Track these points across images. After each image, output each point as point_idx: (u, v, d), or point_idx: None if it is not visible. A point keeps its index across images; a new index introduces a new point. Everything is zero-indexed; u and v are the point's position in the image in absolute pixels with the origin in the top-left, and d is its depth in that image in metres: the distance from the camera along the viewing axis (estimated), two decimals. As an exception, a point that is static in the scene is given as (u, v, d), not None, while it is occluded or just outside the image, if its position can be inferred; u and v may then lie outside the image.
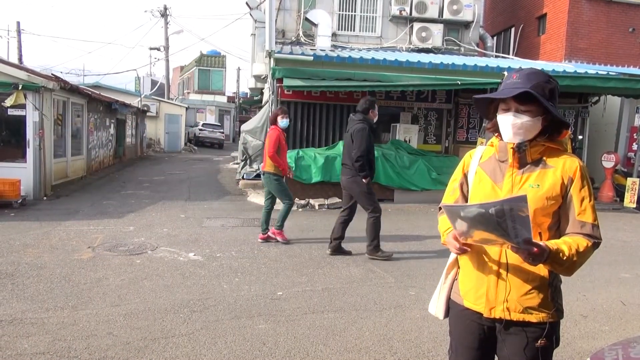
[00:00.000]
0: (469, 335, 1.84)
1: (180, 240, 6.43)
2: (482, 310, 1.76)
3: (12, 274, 4.78)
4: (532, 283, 1.69)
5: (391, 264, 5.56)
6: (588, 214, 1.67)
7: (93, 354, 3.19)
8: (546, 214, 1.69)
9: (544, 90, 1.68)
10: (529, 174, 1.72)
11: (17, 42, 26.10)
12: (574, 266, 1.61)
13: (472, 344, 1.84)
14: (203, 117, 33.64)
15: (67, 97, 11.27)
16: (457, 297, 1.87)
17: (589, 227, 1.66)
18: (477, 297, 1.78)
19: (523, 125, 1.70)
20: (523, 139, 1.72)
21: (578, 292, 4.78)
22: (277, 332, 3.62)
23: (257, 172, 12.08)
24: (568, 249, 1.58)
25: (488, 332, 1.80)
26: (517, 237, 1.48)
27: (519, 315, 1.71)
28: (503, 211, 1.43)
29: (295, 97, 10.49)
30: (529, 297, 1.70)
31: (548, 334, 1.71)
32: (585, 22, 14.64)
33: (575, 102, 11.89)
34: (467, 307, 1.82)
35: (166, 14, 28.64)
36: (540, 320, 1.70)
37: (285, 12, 13.53)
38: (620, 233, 7.93)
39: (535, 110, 1.69)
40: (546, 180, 1.70)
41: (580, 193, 1.68)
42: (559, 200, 1.69)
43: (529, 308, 1.70)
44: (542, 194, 1.68)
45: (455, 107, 11.69)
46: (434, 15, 13.66)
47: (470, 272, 1.81)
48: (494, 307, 1.73)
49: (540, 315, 1.70)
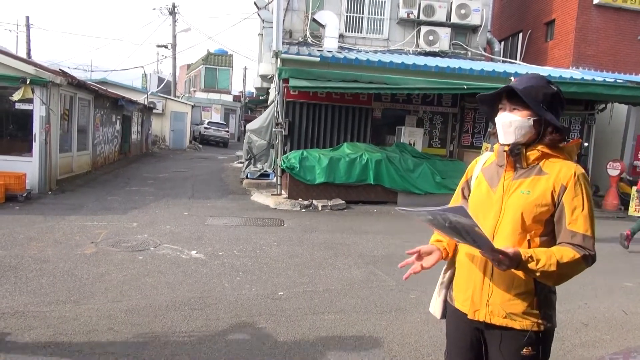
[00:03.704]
0: (461, 336, 1.86)
1: (183, 237, 6.44)
2: (466, 312, 1.78)
3: (16, 267, 4.81)
4: (516, 289, 1.68)
5: (393, 266, 5.55)
6: (580, 223, 1.62)
7: (94, 349, 3.20)
8: (536, 221, 1.67)
9: (538, 93, 1.68)
10: (523, 179, 1.71)
11: (26, 37, 26.25)
12: (552, 276, 1.57)
13: (464, 345, 1.85)
14: (209, 115, 33.71)
15: (74, 92, 11.33)
16: (451, 297, 1.90)
17: (580, 237, 1.61)
18: (465, 299, 1.79)
19: (512, 124, 1.70)
20: (514, 140, 1.71)
21: (579, 300, 4.76)
22: (277, 332, 3.62)
23: (261, 172, 12.12)
24: (546, 258, 1.55)
25: (477, 334, 1.81)
26: (475, 243, 1.50)
27: (501, 320, 1.70)
28: (449, 219, 1.45)
29: (301, 98, 10.50)
30: (513, 303, 1.68)
31: (533, 343, 1.68)
32: (594, 29, 14.58)
33: (581, 109, 11.85)
34: (457, 308, 1.84)
35: (174, 12, 28.75)
36: (523, 327, 1.68)
37: (293, 12, 13.56)
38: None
39: (524, 110, 1.69)
40: (538, 187, 1.68)
41: (572, 202, 1.63)
42: (551, 208, 1.66)
43: (512, 314, 1.69)
44: (532, 201, 1.66)
45: (461, 111, 11.67)
46: (441, 18, 13.65)
47: (462, 274, 1.83)
48: (477, 310, 1.74)
49: (524, 323, 1.68)
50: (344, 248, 6.33)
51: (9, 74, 8.97)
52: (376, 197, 9.95)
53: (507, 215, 1.70)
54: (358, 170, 9.65)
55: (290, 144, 10.60)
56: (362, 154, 9.75)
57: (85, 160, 12.62)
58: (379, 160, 9.71)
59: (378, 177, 9.72)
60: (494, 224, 1.72)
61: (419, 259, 1.83)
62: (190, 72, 42.97)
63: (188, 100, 31.51)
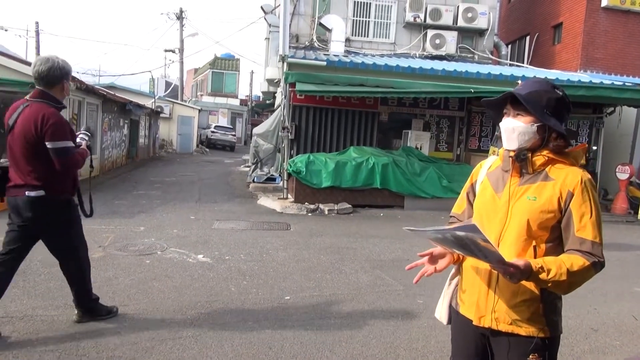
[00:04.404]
0: (466, 342, 1.85)
1: (189, 241, 6.46)
2: (472, 318, 1.76)
3: (24, 271, 4.83)
4: (522, 296, 1.66)
5: (400, 271, 5.53)
6: (588, 230, 1.60)
7: (101, 352, 3.21)
8: (543, 227, 1.65)
9: (542, 99, 1.66)
10: (529, 185, 1.70)
11: (36, 42, 26.59)
12: (563, 285, 1.56)
13: (469, 352, 1.84)
14: (215, 119, 33.84)
15: (83, 97, 11.43)
16: (456, 303, 1.89)
17: (589, 244, 1.59)
18: (470, 305, 1.78)
19: (515, 130, 1.69)
20: (519, 146, 1.70)
21: (589, 305, 4.71)
22: (283, 337, 3.62)
23: (267, 176, 12.14)
24: (557, 268, 1.53)
25: (483, 340, 1.79)
26: (486, 258, 1.48)
27: (507, 327, 1.69)
28: (460, 237, 1.44)
29: (307, 102, 10.51)
30: (518, 309, 1.67)
31: (539, 349, 1.67)
32: (602, 32, 14.50)
33: (590, 113, 11.77)
34: (462, 314, 1.83)
35: (182, 17, 28.96)
36: (529, 334, 1.67)
37: (300, 17, 13.60)
38: (633, 246, 7.81)
39: (527, 116, 1.68)
40: (544, 193, 1.66)
41: (580, 208, 1.62)
42: (557, 214, 1.65)
43: (518, 320, 1.68)
44: (538, 207, 1.65)
45: (467, 114, 11.62)
46: (448, 22, 13.63)
47: (468, 280, 1.81)
48: (483, 316, 1.73)
49: (530, 329, 1.67)
50: (351, 252, 6.32)
51: (19, 79, 9.07)
52: (383, 201, 9.93)
53: (513, 221, 1.68)
54: (364, 174, 9.64)
55: (297, 148, 10.61)
56: (368, 158, 9.74)
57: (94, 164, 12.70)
58: (386, 164, 9.69)
59: (384, 181, 9.71)
60: (499, 229, 1.71)
61: (432, 262, 1.80)
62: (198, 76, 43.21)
63: (195, 104, 31.69)
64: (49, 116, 3.23)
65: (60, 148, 3.24)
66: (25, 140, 3.20)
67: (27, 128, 3.19)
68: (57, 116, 3.29)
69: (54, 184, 3.35)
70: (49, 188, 3.32)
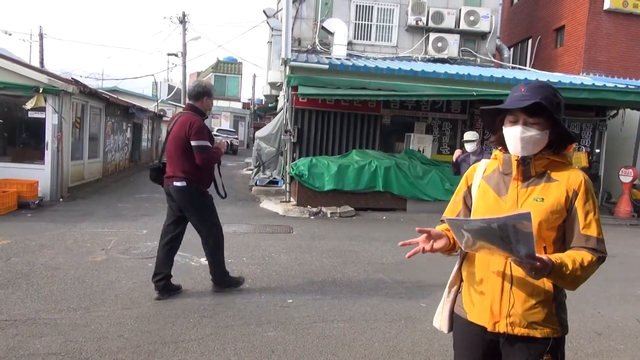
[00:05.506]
0: (473, 349, 1.83)
1: (192, 245, 6.44)
2: (485, 324, 1.74)
3: (27, 274, 4.85)
4: (537, 297, 1.67)
5: (403, 274, 5.52)
6: (593, 227, 1.65)
7: (104, 356, 3.22)
8: (551, 227, 1.68)
9: (552, 104, 1.67)
10: (534, 187, 1.71)
11: (39, 46, 26.66)
12: (578, 280, 1.60)
13: (475, 359, 1.82)
14: (218, 122, 33.93)
15: (86, 100, 11.47)
16: (461, 310, 1.86)
17: (594, 241, 1.64)
18: (481, 311, 1.75)
19: (532, 139, 1.68)
20: (530, 153, 1.70)
21: (593, 308, 4.69)
22: (286, 340, 3.61)
23: (270, 179, 12.15)
24: (572, 263, 1.57)
25: (492, 347, 1.78)
26: (519, 252, 1.47)
27: (523, 330, 1.68)
28: (506, 227, 1.43)
29: (309, 105, 10.54)
30: (534, 311, 1.67)
31: (552, 350, 1.68)
32: (604, 34, 14.49)
33: (592, 115, 11.76)
34: (470, 321, 1.80)
35: (184, 21, 29.00)
36: (544, 335, 1.68)
37: (302, 20, 13.64)
38: (637, 249, 7.78)
39: (543, 123, 1.68)
40: (550, 194, 1.68)
41: (584, 207, 1.66)
42: (564, 213, 1.68)
43: (534, 323, 1.67)
44: (547, 208, 1.67)
45: (470, 117, 11.62)
46: (450, 25, 13.65)
47: (474, 285, 1.79)
48: (498, 322, 1.71)
49: (545, 331, 1.68)
50: (353, 255, 6.31)
51: (23, 83, 9.11)
52: (385, 204, 9.92)
53: None
54: (367, 177, 9.64)
55: (299, 151, 10.62)
56: (370, 161, 9.74)
57: (97, 167, 12.74)
58: (388, 167, 9.69)
59: (387, 184, 9.70)
60: None
61: (428, 240, 1.77)
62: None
63: (198, 107, 31.64)
64: (194, 122, 4.25)
65: (201, 145, 4.22)
66: (178, 139, 4.25)
67: (179, 131, 4.25)
68: (200, 122, 4.30)
69: (194, 177, 4.31)
70: (190, 180, 4.28)
